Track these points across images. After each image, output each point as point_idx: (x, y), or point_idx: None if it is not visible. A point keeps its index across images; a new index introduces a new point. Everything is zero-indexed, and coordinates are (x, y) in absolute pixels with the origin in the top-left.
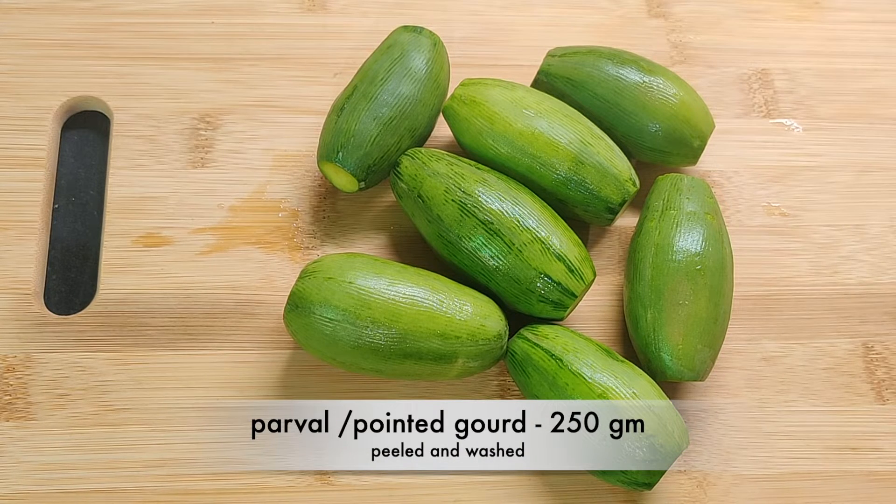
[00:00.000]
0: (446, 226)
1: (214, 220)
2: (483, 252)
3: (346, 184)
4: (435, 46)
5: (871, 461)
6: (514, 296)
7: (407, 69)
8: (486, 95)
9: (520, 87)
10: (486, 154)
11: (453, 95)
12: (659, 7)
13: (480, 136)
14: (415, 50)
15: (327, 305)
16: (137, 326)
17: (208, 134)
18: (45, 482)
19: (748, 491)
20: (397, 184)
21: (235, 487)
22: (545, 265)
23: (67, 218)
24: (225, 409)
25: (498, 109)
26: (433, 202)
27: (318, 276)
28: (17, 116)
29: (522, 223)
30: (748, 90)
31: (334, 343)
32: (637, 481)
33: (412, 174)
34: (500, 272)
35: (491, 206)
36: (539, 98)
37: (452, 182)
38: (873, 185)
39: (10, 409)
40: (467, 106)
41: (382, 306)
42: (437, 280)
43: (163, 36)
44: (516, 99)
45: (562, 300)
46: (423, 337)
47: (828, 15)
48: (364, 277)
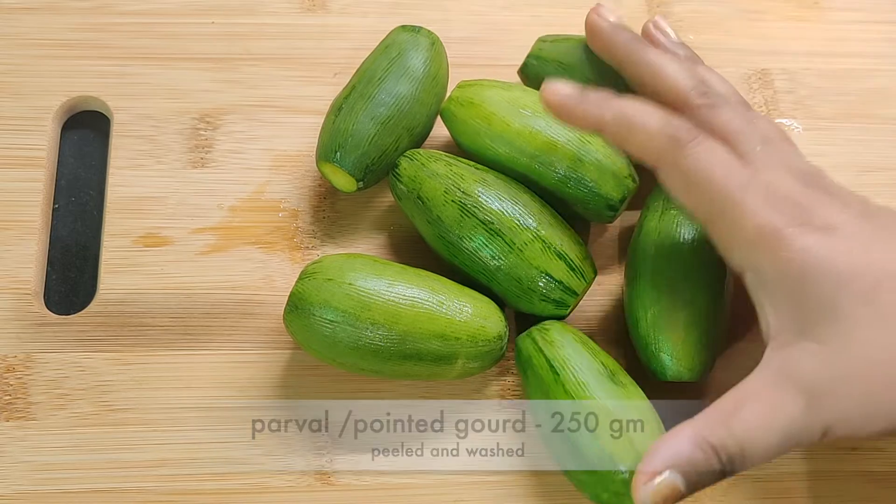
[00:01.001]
0: (446, 226)
1: (214, 220)
2: (484, 252)
3: (344, 184)
4: (433, 46)
5: (871, 461)
6: (516, 295)
7: (405, 69)
8: (482, 96)
9: (516, 87)
10: (484, 155)
11: (450, 98)
12: (659, 7)
13: (478, 137)
14: (412, 49)
15: (327, 307)
16: (137, 326)
17: (208, 134)
18: (45, 482)
19: (748, 491)
20: (396, 185)
21: (235, 487)
22: (546, 264)
23: (67, 218)
24: (225, 409)
25: (495, 110)
26: (433, 203)
27: (318, 277)
28: (16, 116)
29: (523, 222)
30: (748, 90)
31: (334, 344)
32: None
33: (411, 175)
34: (502, 272)
35: (491, 205)
36: (536, 97)
37: (452, 182)
38: (873, 185)
39: (10, 409)
40: (464, 107)
41: (382, 308)
42: (437, 281)
43: (163, 36)
44: (513, 99)
45: (563, 299)
46: (423, 338)
47: (828, 15)
48: (364, 279)
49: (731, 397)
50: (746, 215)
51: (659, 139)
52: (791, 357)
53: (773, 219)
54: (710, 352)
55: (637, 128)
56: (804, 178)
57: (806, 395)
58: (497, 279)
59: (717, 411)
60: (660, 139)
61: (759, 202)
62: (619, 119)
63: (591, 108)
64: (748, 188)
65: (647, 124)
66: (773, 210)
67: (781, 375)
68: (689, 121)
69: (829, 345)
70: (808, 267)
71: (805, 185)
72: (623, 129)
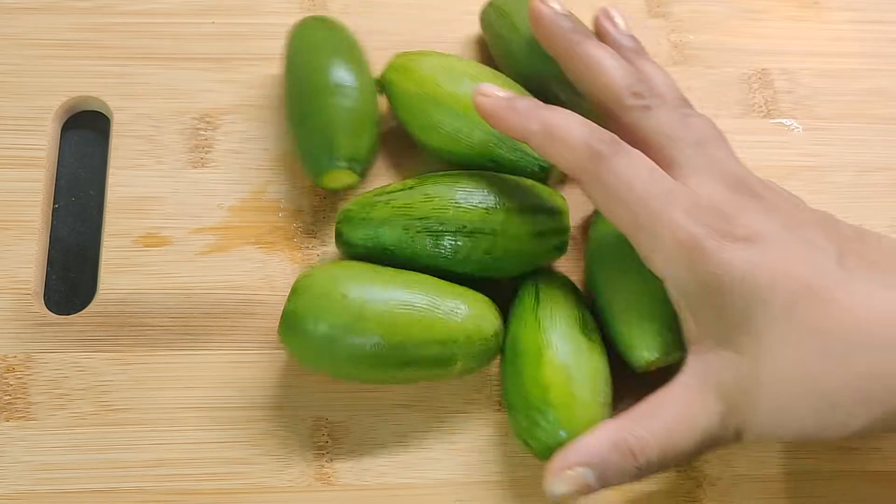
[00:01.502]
0: (430, 256)
1: (214, 220)
2: (474, 256)
3: (346, 180)
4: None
5: (871, 461)
6: (521, 268)
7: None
8: (419, 62)
9: (453, 57)
10: (420, 122)
11: (388, 66)
12: (659, 7)
13: (415, 101)
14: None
15: (322, 322)
16: (137, 326)
17: (208, 134)
18: (45, 482)
19: (748, 491)
20: (356, 254)
21: (235, 487)
22: (528, 225)
23: (67, 218)
24: (225, 409)
25: (431, 74)
26: (405, 247)
27: (311, 292)
28: (17, 116)
29: (489, 206)
30: (748, 90)
31: (332, 358)
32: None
33: (363, 237)
34: (498, 260)
35: (450, 212)
36: (470, 64)
37: (405, 219)
38: (873, 185)
39: (10, 409)
40: (399, 73)
41: (378, 317)
42: (430, 283)
43: (163, 36)
44: (449, 66)
45: (562, 243)
46: (421, 344)
47: (827, 15)
48: (357, 288)
49: (653, 400)
50: (666, 228)
51: (580, 152)
52: (710, 363)
53: (693, 231)
54: (675, 334)
55: (560, 140)
56: (734, 182)
57: (723, 401)
58: (497, 267)
59: (639, 413)
60: (581, 152)
61: (679, 214)
62: (543, 130)
63: (518, 118)
64: (669, 199)
65: (570, 137)
66: (695, 221)
67: (701, 380)
68: (618, 126)
69: (746, 356)
70: (727, 280)
71: (733, 190)
72: (547, 141)
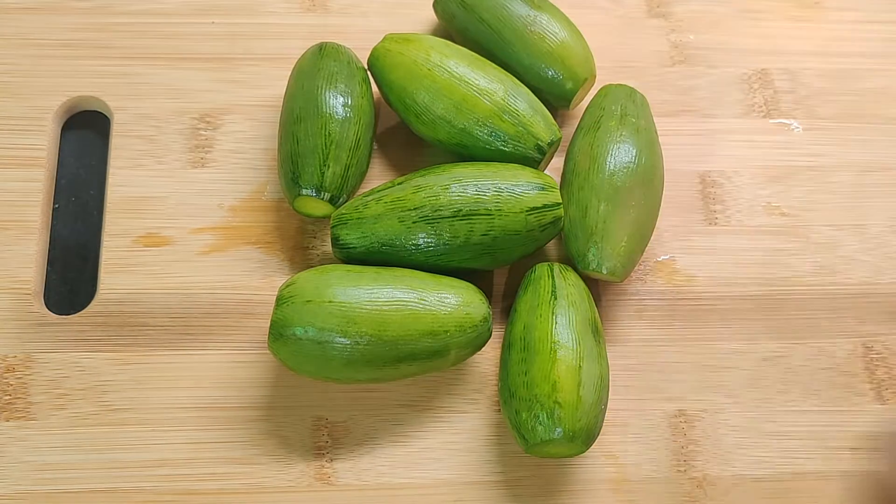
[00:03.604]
0: (432, 245)
1: (214, 220)
2: (474, 239)
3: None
4: (348, 64)
5: (872, 461)
6: (522, 248)
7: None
8: (418, 37)
9: (435, 38)
10: (412, 102)
11: (386, 37)
12: (659, 7)
13: (413, 67)
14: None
15: (311, 328)
16: (137, 326)
17: (208, 134)
18: (45, 482)
19: (748, 491)
20: (354, 257)
21: (235, 487)
22: (521, 202)
23: (67, 218)
24: (225, 409)
25: (433, 43)
26: (403, 240)
27: (296, 300)
28: (17, 116)
29: (479, 189)
30: (748, 90)
31: (326, 363)
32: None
33: (359, 237)
34: (498, 240)
35: (443, 199)
36: (460, 50)
37: (399, 211)
38: (873, 185)
39: (10, 409)
40: (400, 43)
41: (367, 318)
42: (413, 277)
43: (163, 36)
44: (448, 44)
45: (556, 218)
46: (413, 339)
47: (828, 15)
48: (343, 292)
49: None
50: None
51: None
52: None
53: None
54: (639, 256)
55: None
56: None
57: None
58: (501, 246)
59: None
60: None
61: None
62: None
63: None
64: None
65: None
66: None
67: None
68: None
69: None
70: None
71: None
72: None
